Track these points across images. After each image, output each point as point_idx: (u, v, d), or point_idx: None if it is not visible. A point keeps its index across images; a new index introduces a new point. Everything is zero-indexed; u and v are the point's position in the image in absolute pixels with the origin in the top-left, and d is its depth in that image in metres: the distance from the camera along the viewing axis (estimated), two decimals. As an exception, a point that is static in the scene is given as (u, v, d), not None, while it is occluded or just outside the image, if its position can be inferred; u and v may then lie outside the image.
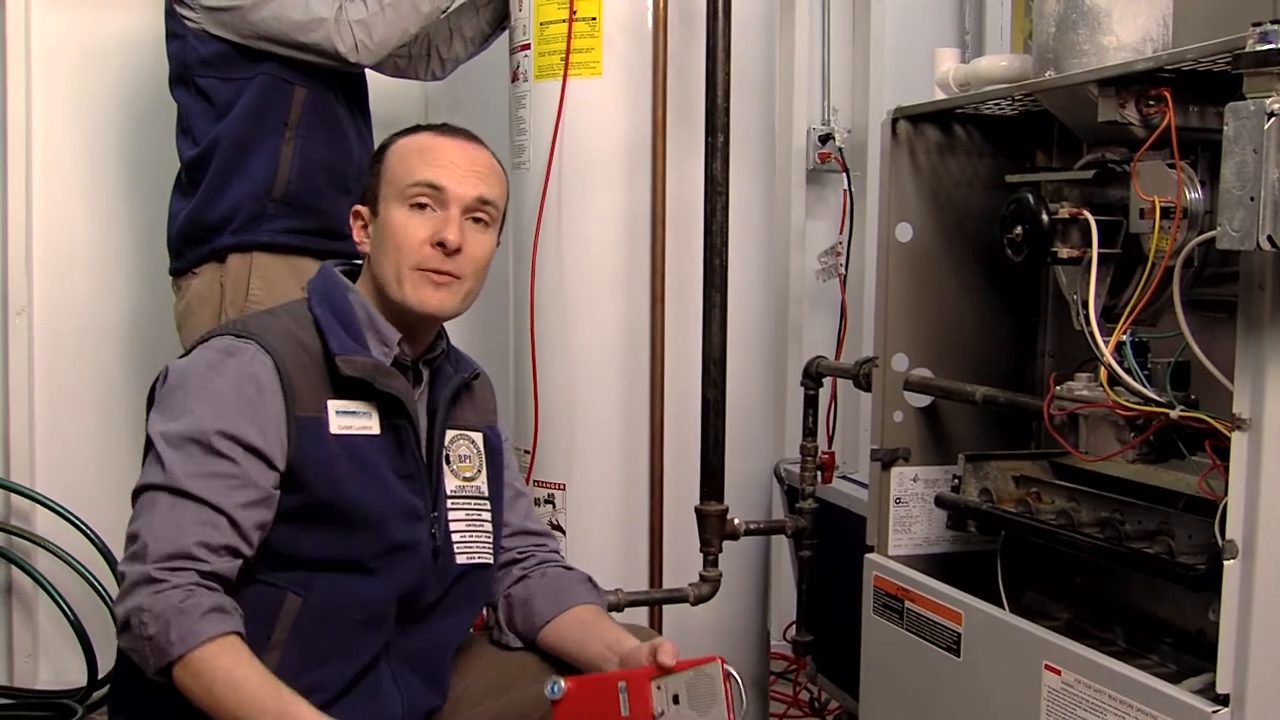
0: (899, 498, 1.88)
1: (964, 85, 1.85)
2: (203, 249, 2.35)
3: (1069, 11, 1.57)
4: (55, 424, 2.89)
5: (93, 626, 2.74)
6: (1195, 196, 1.40)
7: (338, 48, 2.27)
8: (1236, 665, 1.28)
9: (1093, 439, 1.52)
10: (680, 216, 2.24)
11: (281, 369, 1.46)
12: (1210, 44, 1.29)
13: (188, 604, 1.34)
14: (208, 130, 2.33)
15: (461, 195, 1.54)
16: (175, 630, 1.33)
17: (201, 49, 2.32)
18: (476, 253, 1.55)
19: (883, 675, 1.86)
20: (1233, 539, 1.27)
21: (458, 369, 1.65)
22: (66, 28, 2.86)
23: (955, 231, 1.88)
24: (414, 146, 1.57)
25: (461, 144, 1.58)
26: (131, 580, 1.37)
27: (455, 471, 1.62)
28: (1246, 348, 1.26)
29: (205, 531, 1.39)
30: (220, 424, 1.42)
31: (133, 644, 1.36)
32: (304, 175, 2.34)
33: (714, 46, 2.09)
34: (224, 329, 1.54)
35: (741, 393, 2.26)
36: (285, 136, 2.32)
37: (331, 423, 1.48)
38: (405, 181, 1.54)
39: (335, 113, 2.39)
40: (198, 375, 1.46)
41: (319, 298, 1.56)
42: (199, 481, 1.40)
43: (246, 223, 2.32)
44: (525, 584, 1.70)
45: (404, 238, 1.52)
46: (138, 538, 1.39)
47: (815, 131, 3.26)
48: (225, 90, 2.32)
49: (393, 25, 2.29)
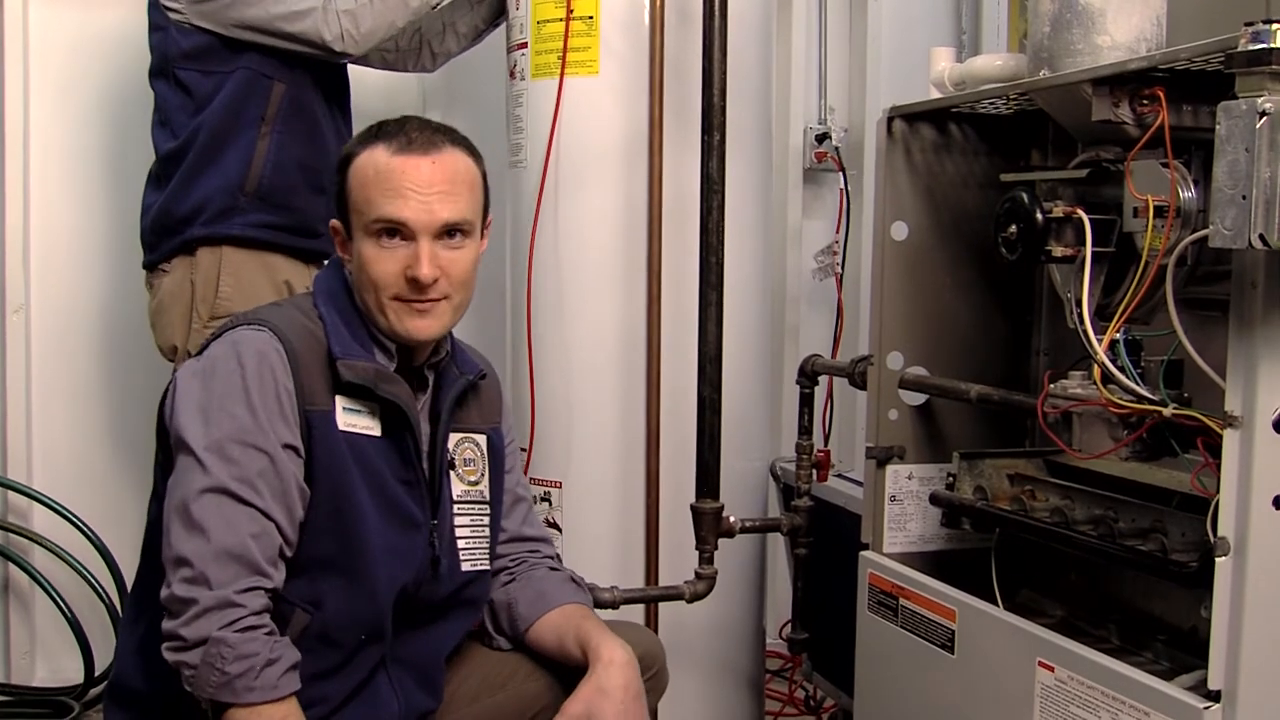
0: (894, 495, 1.89)
1: (959, 84, 1.86)
2: (173, 240, 2.34)
3: (1063, 11, 1.58)
4: (52, 421, 2.89)
5: (90, 624, 2.75)
6: (1188, 195, 1.41)
7: (324, 37, 2.26)
8: (1228, 661, 1.28)
9: (1086, 437, 1.53)
10: (677, 215, 2.25)
11: (294, 359, 1.45)
12: (1203, 44, 1.30)
13: (276, 654, 1.37)
14: (186, 123, 2.33)
15: (427, 224, 1.48)
16: (261, 679, 1.35)
17: (183, 41, 2.31)
18: (455, 271, 1.51)
19: (877, 672, 1.87)
20: (1224, 536, 1.28)
21: (463, 370, 1.63)
22: (58, 22, 2.86)
23: (950, 230, 1.89)
24: (370, 171, 1.49)
25: (417, 161, 1.48)
26: (205, 605, 1.36)
27: (461, 476, 1.61)
28: (1238, 346, 1.26)
29: (261, 543, 1.39)
30: (259, 422, 1.41)
31: (198, 668, 1.36)
32: (278, 170, 2.33)
33: (710, 45, 2.09)
34: (238, 320, 1.52)
35: (738, 391, 2.26)
36: (261, 131, 2.31)
37: (339, 418, 1.48)
38: (369, 215, 1.49)
39: (314, 110, 2.38)
40: (224, 375, 1.44)
41: (325, 297, 1.54)
42: (247, 486, 1.39)
43: (217, 215, 2.31)
44: (507, 589, 1.69)
45: (376, 273, 1.49)
46: (192, 560, 1.37)
47: (812, 130, 3.26)
48: (205, 84, 2.31)
49: (380, 17, 2.29)
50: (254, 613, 1.37)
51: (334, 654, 1.48)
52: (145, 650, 1.48)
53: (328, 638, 1.47)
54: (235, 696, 1.35)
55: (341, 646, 1.48)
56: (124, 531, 2.68)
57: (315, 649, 1.45)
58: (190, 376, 1.47)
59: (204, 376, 1.45)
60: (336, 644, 1.48)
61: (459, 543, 1.59)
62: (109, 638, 2.72)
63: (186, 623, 1.36)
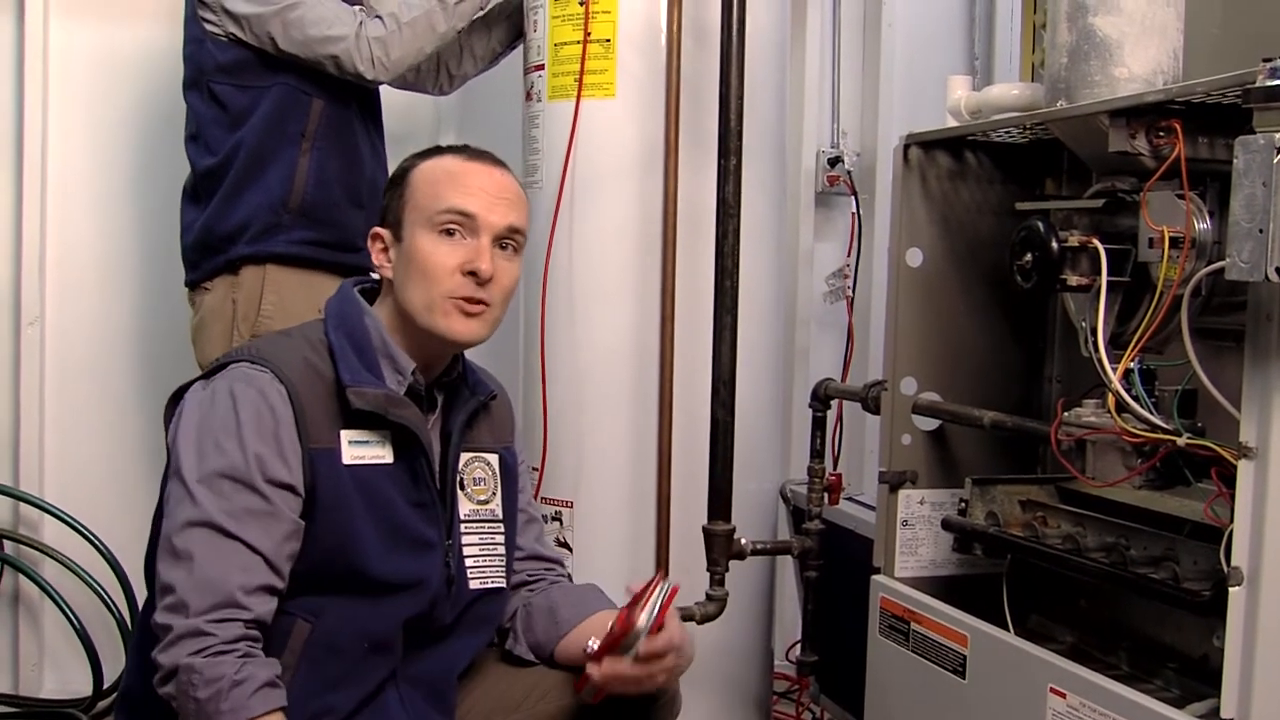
0: (906, 520, 1.90)
1: (975, 113, 1.87)
2: (218, 259, 2.36)
3: (1081, 43, 1.60)
4: (65, 434, 2.90)
5: (99, 636, 2.75)
6: (1204, 227, 1.43)
7: (357, 65, 2.29)
8: (1241, 691, 1.29)
9: (1100, 465, 1.53)
10: (691, 237, 2.26)
11: (295, 400, 1.45)
12: (1220, 78, 1.32)
13: (243, 674, 1.35)
14: (221, 138, 2.34)
15: (493, 223, 1.53)
16: (228, 702, 1.34)
17: (219, 55, 2.33)
18: (505, 281, 1.55)
19: (888, 696, 1.87)
20: (1238, 565, 1.28)
21: (475, 391, 1.64)
22: (80, 39, 2.88)
23: (965, 257, 1.90)
24: (441, 171, 1.56)
25: (488, 169, 1.57)
26: (179, 633, 1.36)
27: (470, 495, 1.62)
28: (1253, 377, 1.27)
29: (245, 576, 1.39)
30: (249, 459, 1.41)
31: (178, 698, 1.37)
32: (320, 186, 2.35)
33: (728, 70, 2.11)
34: (240, 355, 1.52)
35: (749, 413, 2.27)
36: (302, 148, 2.33)
37: (344, 453, 1.48)
38: (434, 208, 1.52)
39: (351, 125, 2.41)
40: (222, 410, 1.44)
41: (335, 322, 1.55)
42: (234, 521, 1.40)
43: (261, 233, 2.33)
44: (546, 594, 1.69)
45: (434, 265, 1.51)
46: (175, 587, 1.38)
47: (824, 154, 3.28)
48: (240, 98, 2.33)
49: (409, 44, 2.32)
50: (225, 641, 1.37)
51: (338, 663, 1.47)
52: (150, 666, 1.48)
53: (331, 646, 1.47)
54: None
55: (345, 655, 1.48)
56: (134, 544, 2.65)
57: (319, 658, 1.45)
58: (194, 405, 1.48)
59: (205, 408, 1.46)
60: (340, 652, 1.47)
61: (467, 561, 1.59)
62: (118, 650, 2.72)
63: (162, 650, 1.37)
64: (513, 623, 1.70)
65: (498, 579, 1.63)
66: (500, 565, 1.64)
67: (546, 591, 1.70)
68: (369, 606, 1.49)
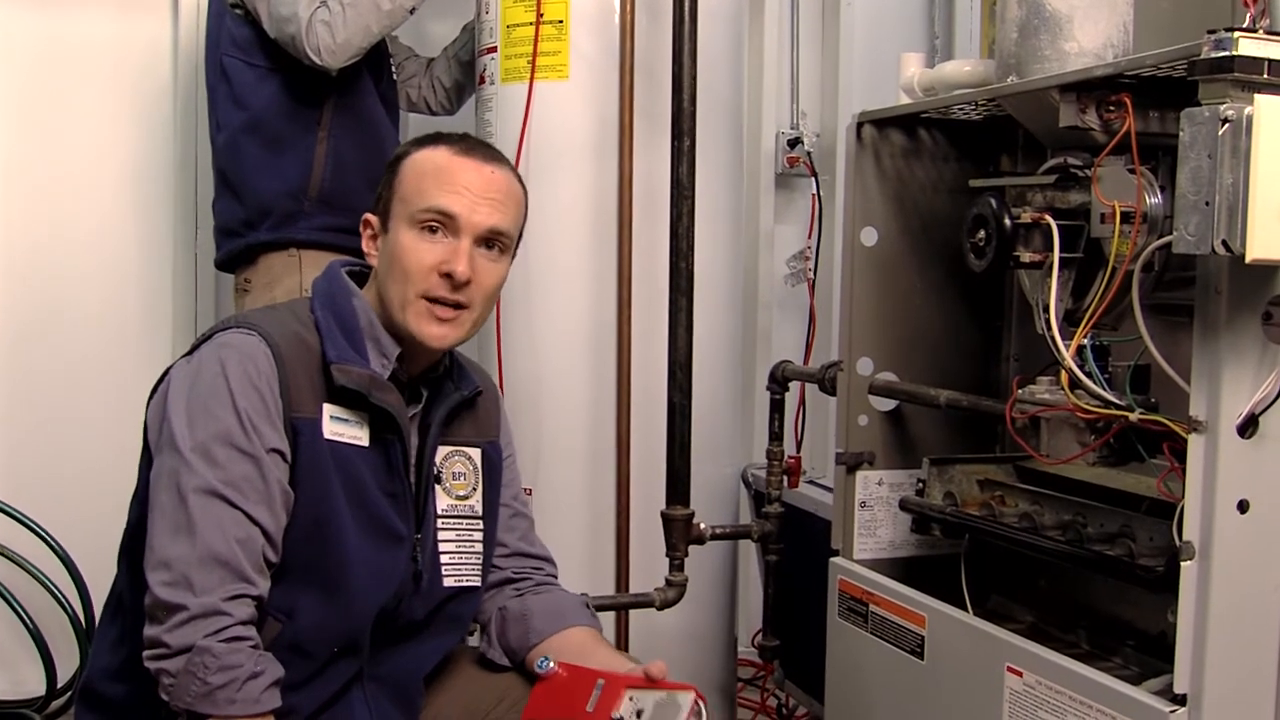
0: (864, 501, 1.89)
1: (929, 90, 1.86)
2: (237, 243, 2.40)
3: (1031, 17, 1.58)
4: (14, 428, 2.85)
5: (51, 635, 2.70)
6: (1155, 201, 1.42)
7: (305, 48, 2.26)
8: (1194, 665, 1.29)
9: (1054, 442, 1.53)
10: (647, 219, 2.24)
11: (282, 365, 1.43)
12: (1168, 50, 1.30)
13: (260, 667, 1.35)
14: (230, 114, 2.37)
15: (474, 224, 1.49)
16: (243, 692, 1.33)
17: (235, 29, 2.36)
18: (486, 282, 1.51)
19: (847, 679, 1.86)
20: (1189, 540, 1.28)
21: (459, 386, 1.61)
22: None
23: (920, 236, 1.89)
24: (429, 165, 1.52)
25: (479, 165, 1.52)
26: (194, 612, 1.33)
27: (448, 490, 1.59)
28: (1203, 351, 1.27)
29: (247, 549, 1.37)
30: (243, 421, 1.39)
31: (178, 676, 1.33)
32: (338, 173, 2.36)
33: (680, 49, 2.09)
34: (226, 323, 1.50)
35: (709, 397, 2.26)
36: (319, 135, 2.35)
37: (325, 427, 1.45)
38: (417, 204, 1.49)
39: (366, 109, 2.41)
40: (209, 376, 1.42)
41: (323, 300, 1.53)
42: (234, 490, 1.37)
43: (283, 220, 2.35)
44: (522, 600, 1.66)
45: (411, 263, 1.48)
46: (178, 561, 1.35)
47: (784, 135, 3.26)
48: (246, 75, 2.35)
49: (354, 24, 2.27)
50: (240, 622, 1.35)
51: (305, 665, 1.45)
52: (121, 654, 1.46)
53: (299, 648, 1.44)
54: (215, 708, 1.32)
55: (313, 658, 1.46)
56: (87, 540, 2.64)
57: (286, 659, 1.42)
58: (180, 377, 1.45)
59: (192, 377, 1.44)
60: (308, 655, 1.45)
61: (441, 558, 1.57)
62: (72, 648, 2.68)
63: (170, 629, 1.34)
64: (489, 624, 1.67)
65: (473, 577, 1.60)
66: (476, 563, 1.61)
67: (524, 598, 1.67)
68: (340, 605, 1.45)
